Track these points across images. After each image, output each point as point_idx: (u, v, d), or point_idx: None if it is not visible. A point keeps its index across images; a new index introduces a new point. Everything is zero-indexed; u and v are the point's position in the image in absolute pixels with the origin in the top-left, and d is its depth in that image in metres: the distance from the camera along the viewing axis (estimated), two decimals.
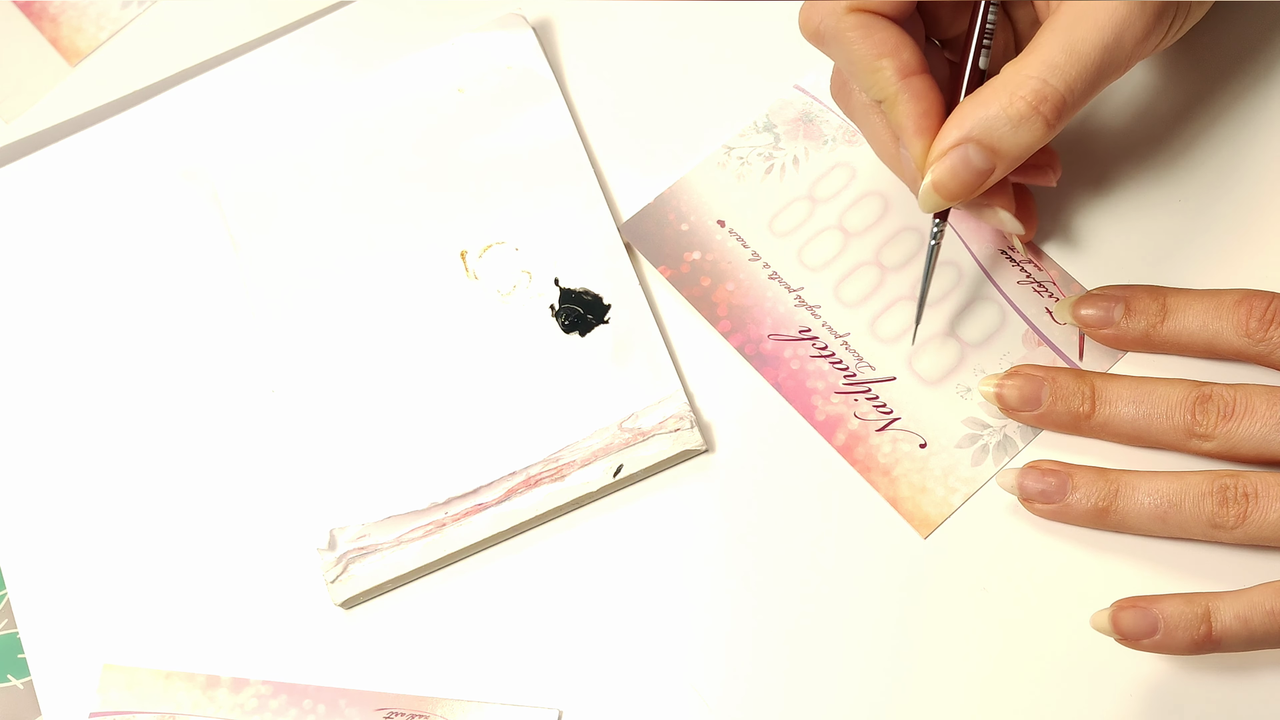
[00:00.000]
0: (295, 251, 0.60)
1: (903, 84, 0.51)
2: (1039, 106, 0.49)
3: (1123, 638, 0.50)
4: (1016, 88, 0.49)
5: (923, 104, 0.51)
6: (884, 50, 0.51)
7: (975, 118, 0.50)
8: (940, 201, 0.51)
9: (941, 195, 0.51)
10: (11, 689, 0.56)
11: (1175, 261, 0.56)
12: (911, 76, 0.51)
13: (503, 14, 0.62)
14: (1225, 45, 0.58)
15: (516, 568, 0.55)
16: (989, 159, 0.50)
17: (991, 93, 0.50)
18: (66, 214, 0.62)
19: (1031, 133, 0.49)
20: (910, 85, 0.51)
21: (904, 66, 0.51)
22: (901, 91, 0.51)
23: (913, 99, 0.51)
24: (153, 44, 0.65)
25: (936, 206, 0.52)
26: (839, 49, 0.51)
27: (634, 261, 0.59)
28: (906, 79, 0.51)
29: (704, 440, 0.56)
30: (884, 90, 0.51)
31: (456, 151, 0.60)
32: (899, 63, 0.51)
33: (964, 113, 0.50)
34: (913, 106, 0.51)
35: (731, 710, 0.53)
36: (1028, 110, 0.49)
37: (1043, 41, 0.50)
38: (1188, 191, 0.57)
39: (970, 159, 0.50)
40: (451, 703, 0.54)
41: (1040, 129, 0.49)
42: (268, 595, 0.56)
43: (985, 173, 0.50)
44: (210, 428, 0.58)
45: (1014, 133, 0.49)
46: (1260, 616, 0.49)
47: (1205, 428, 0.52)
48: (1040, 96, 0.49)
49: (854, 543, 0.54)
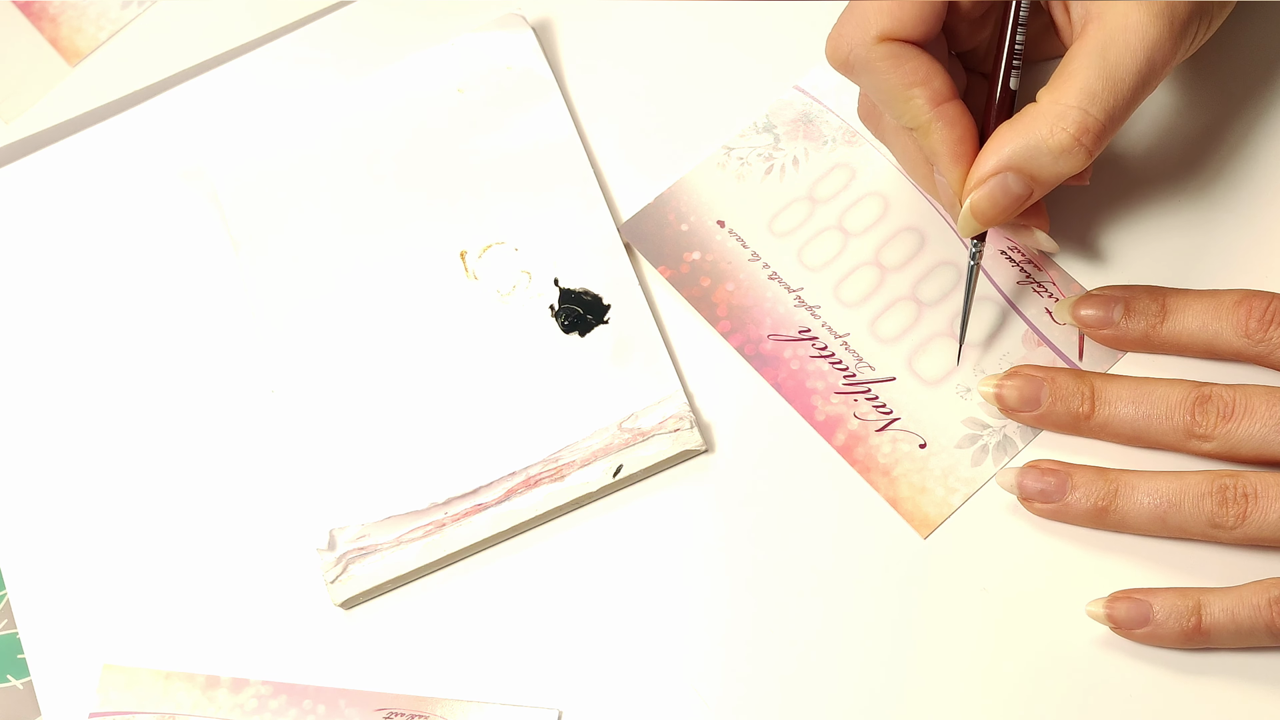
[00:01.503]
0: (295, 251, 0.60)
1: (936, 112, 0.51)
2: (1081, 138, 0.50)
3: (1116, 626, 0.51)
4: (1058, 119, 0.50)
5: (957, 130, 0.51)
6: (915, 80, 0.51)
7: (1014, 146, 0.50)
8: (978, 227, 0.52)
9: (980, 221, 0.52)
10: (11, 689, 0.56)
11: (1175, 262, 0.56)
12: (944, 104, 0.51)
13: (503, 14, 0.62)
14: (1225, 46, 0.58)
15: (516, 568, 0.55)
16: (1027, 186, 0.51)
17: (1031, 122, 0.50)
18: (66, 214, 0.62)
19: (1073, 163, 0.50)
20: (944, 113, 0.51)
21: (936, 95, 0.51)
22: (935, 120, 0.51)
23: (947, 126, 0.51)
24: (153, 44, 0.65)
25: (975, 231, 0.52)
26: (869, 79, 0.52)
27: (634, 262, 0.59)
28: (939, 107, 0.51)
29: (704, 440, 0.56)
30: (917, 119, 0.51)
31: (456, 151, 0.61)
32: (931, 91, 0.51)
33: (1002, 140, 0.50)
34: (947, 134, 0.51)
35: (731, 710, 0.53)
36: (1071, 143, 0.50)
37: (1077, 69, 0.50)
38: (1187, 192, 0.57)
39: (1010, 187, 0.51)
40: (451, 703, 0.54)
41: (1081, 159, 0.50)
42: (268, 595, 0.56)
43: (1023, 199, 0.51)
44: (210, 428, 0.58)
45: (1055, 163, 0.50)
46: (1248, 611, 0.50)
47: (1205, 428, 0.52)
48: (1083, 129, 0.49)
49: (854, 543, 0.54)
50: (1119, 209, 0.57)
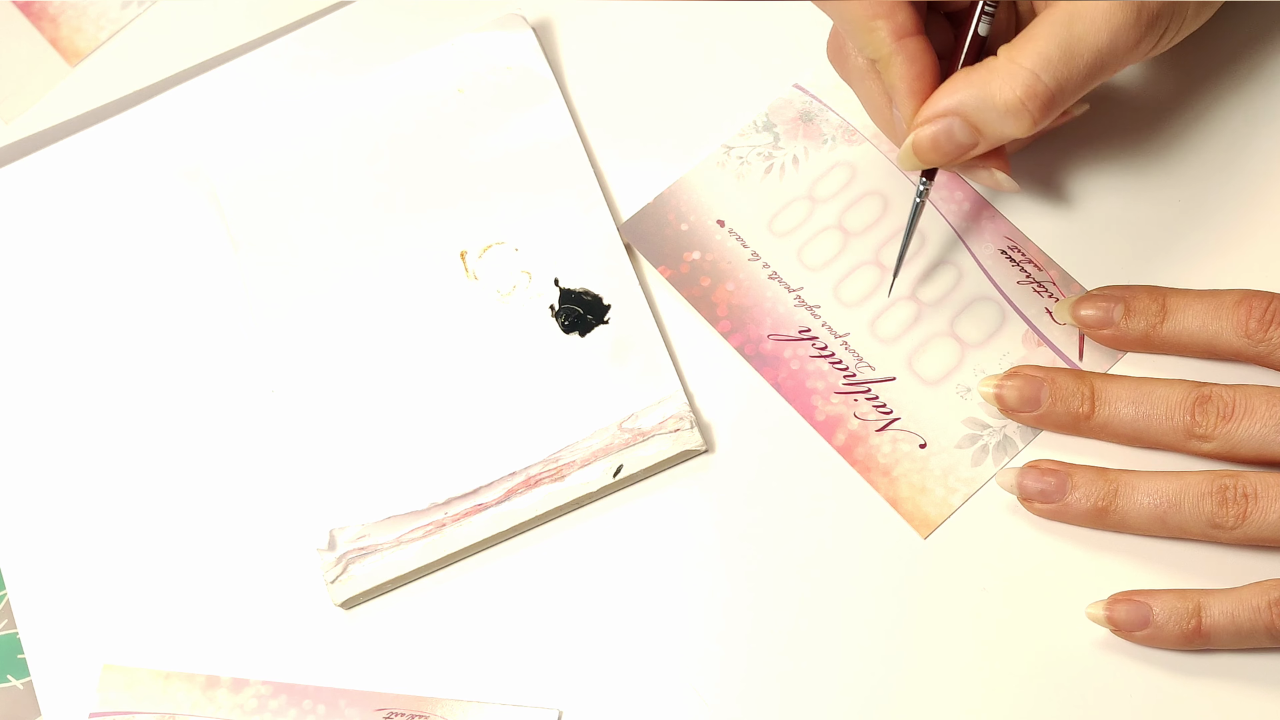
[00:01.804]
0: (295, 251, 0.60)
1: (898, 44, 0.51)
2: (1027, 102, 0.50)
3: (1116, 629, 0.51)
4: (1009, 77, 0.50)
5: (917, 65, 0.51)
6: (880, 10, 0.51)
7: (965, 94, 0.50)
8: (917, 163, 0.52)
9: (919, 157, 0.52)
10: (11, 689, 0.56)
11: (1175, 261, 0.56)
12: (907, 38, 0.51)
13: (503, 14, 0.62)
14: (1224, 45, 0.58)
15: (516, 568, 0.55)
16: (972, 135, 0.51)
17: (986, 74, 0.50)
18: (66, 214, 0.62)
19: (1017, 124, 0.50)
20: (905, 46, 0.51)
21: (899, 27, 0.51)
22: (896, 52, 0.51)
23: (907, 60, 0.51)
24: (153, 44, 0.65)
25: (913, 168, 0.53)
26: (836, 8, 0.52)
27: (634, 261, 0.59)
28: (901, 40, 0.51)
29: (704, 440, 0.56)
30: (879, 49, 0.51)
31: (456, 151, 0.60)
32: (894, 24, 0.51)
33: (956, 85, 0.51)
34: (907, 68, 0.51)
35: (731, 710, 0.53)
36: (1016, 104, 0.50)
37: (1039, 34, 0.50)
38: (1187, 191, 0.57)
39: (954, 132, 0.51)
40: (451, 703, 0.54)
41: (1026, 122, 0.50)
42: (268, 595, 0.56)
43: (966, 147, 0.51)
44: (210, 428, 0.58)
45: (1000, 120, 0.50)
46: (1247, 613, 0.50)
47: (1205, 428, 0.52)
48: (1031, 92, 0.49)
49: (853, 543, 0.54)
50: (1119, 209, 0.57)
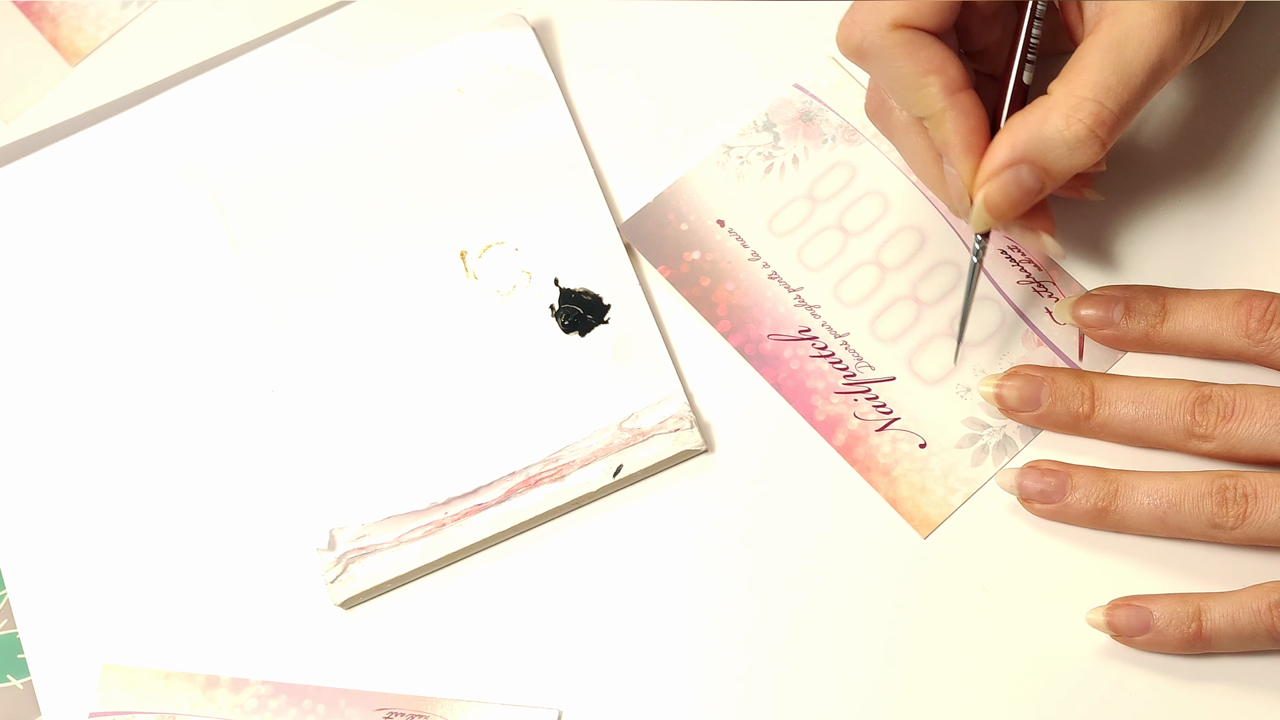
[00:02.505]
0: (295, 251, 0.60)
1: (950, 100, 0.50)
2: (1097, 130, 0.49)
3: (1116, 634, 0.51)
4: (1072, 110, 0.49)
5: (970, 121, 0.51)
6: (930, 67, 0.50)
7: (1028, 138, 0.50)
8: (991, 221, 0.52)
9: (993, 215, 0.51)
10: (11, 689, 0.56)
11: (1175, 262, 0.56)
12: (959, 93, 0.51)
13: (503, 14, 0.62)
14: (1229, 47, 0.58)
15: (516, 568, 0.55)
16: (1040, 179, 0.50)
17: (1045, 113, 0.50)
18: (66, 214, 0.62)
19: (1087, 155, 0.50)
20: (957, 102, 0.50)
21: (950, 83, 0.50)
22: (949, 109, 0.50)
23: (960, 116, 0.51)
24: (153, 44, 0.65)
25: (988, 226, 0.52)
26: (882, 66, 0.51)
27: (634, 261, 0.59)
28: (954, 95, 0.50)
29: (704, 440, 0.56)
30: (930, 108, 0.51)
31: (456, 151, 0.60)
32: (946, 79, 0.50)
33: (1015, 132, 0.50)
34: (961, 124, 0.51)
35: (731, 710, 0.53)
36: (1086, 134, 0.49)
37: (1092, 62, 0.50)
38: (1188, 192, 0.57)
39: (1023, 179, 0.50)
40: (451, 703, 0.54)
41: (1096, 151, 0.50)
42: (268, 595, 0.56)
43: (1035, 192, 0.51)
44: (210, 428, 0.58)
45: (1069, 154, 0.50)
46: (1248, 616, 0.50)
47: (1205, 428, 0.52)
48: (1098, 120, 0.49)
49: (853, 543, 0.54)
50: (1119, 209, 0.57)
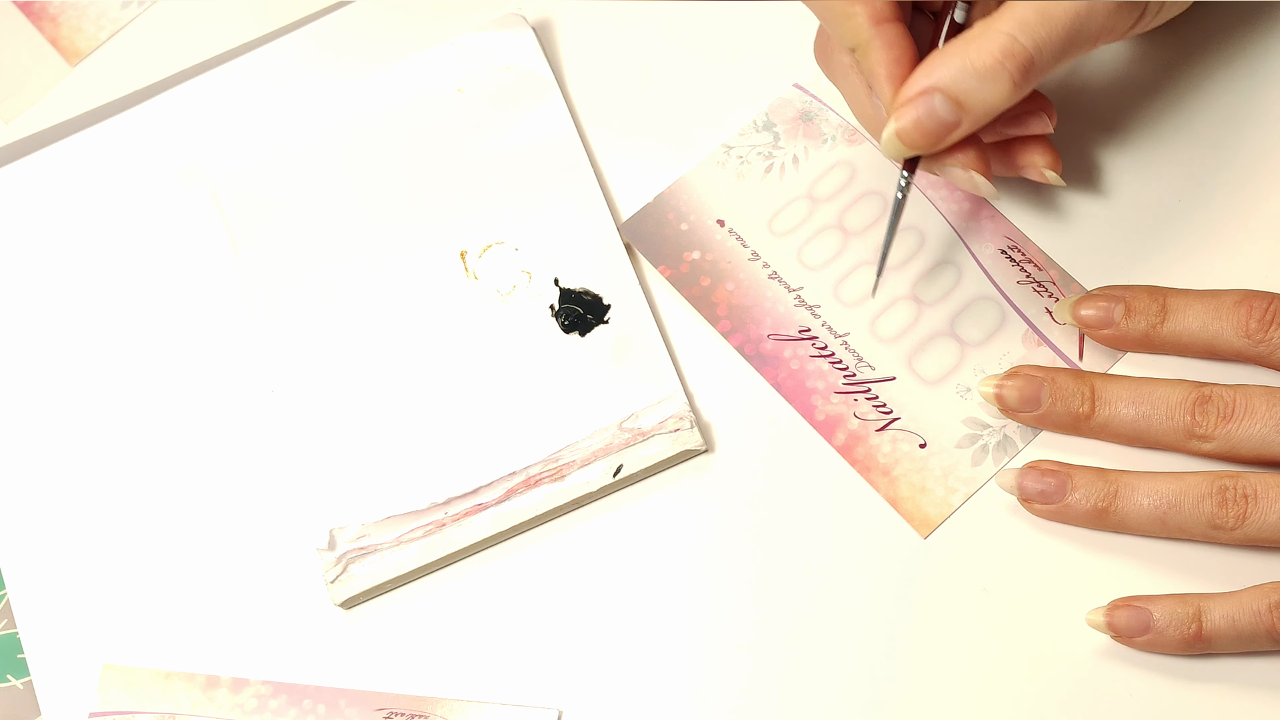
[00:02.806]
0: (295, 251, 0.60)
1: (875, 30, 0.50)
2: (1005, 62, 0.49)
3: (1116, 635, 0.51)
4: (985, 41, 0.49)
5: (894, 51, 0.51)
6: None
7: (943, 68, 0.50)
8: (903, 150, 0.51)
9: (905, 143, 0.51)
10: (11, 689, 0.56)
11: (1175, 261, 0.56)
12: (884, 24, 0.51)
13: (503, 14, 0.62)
14: (1221, 44, 0.58)
15: (516, 568, 0.55)
16: (955, 111, 0.50)
17: (960, 45, 0.50)
18: (66, 214, 0.62)
19: (997, 88, 0.49)
20: (883, 32, 0.51)
21: (876, 13, 0.50)
22: (874, 38, 0.51)
23: (884, 46, 0.51)
24: (153, 44, 0.65)
25: (900, 154, 0.51)
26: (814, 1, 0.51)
27: (634, 261, 0.59)
28: (879, 25, 0.50)
29: (704, 440, 0.56)
30: (856, 37, 0.51)
31: (456, 151, 0.60)
32: (871, 10, 0.50)
33: (932, 63, 0.50)
34: (884, 54, 0.51)
35: (731, 710, 0.53)
36: (994, 65, 0.49)
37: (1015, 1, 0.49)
38: (1187, 191, 0.57)
39: (936, 109, 0.50)
40: (451, 703, 0.54)
41: (1006, 85, 0.49)
42: (268, 595, 0.56)
43: (950, 125, 0.50)
44: (210, 428, 0.58)
45: (980, 86, 0.49)
46: (1248, 617, 0.50)
47: (1205, 429, 0.52)
48: (1007, 52, 0.49)
49: (854, 543, 0.54)
50: (1119, 209, 0.57)
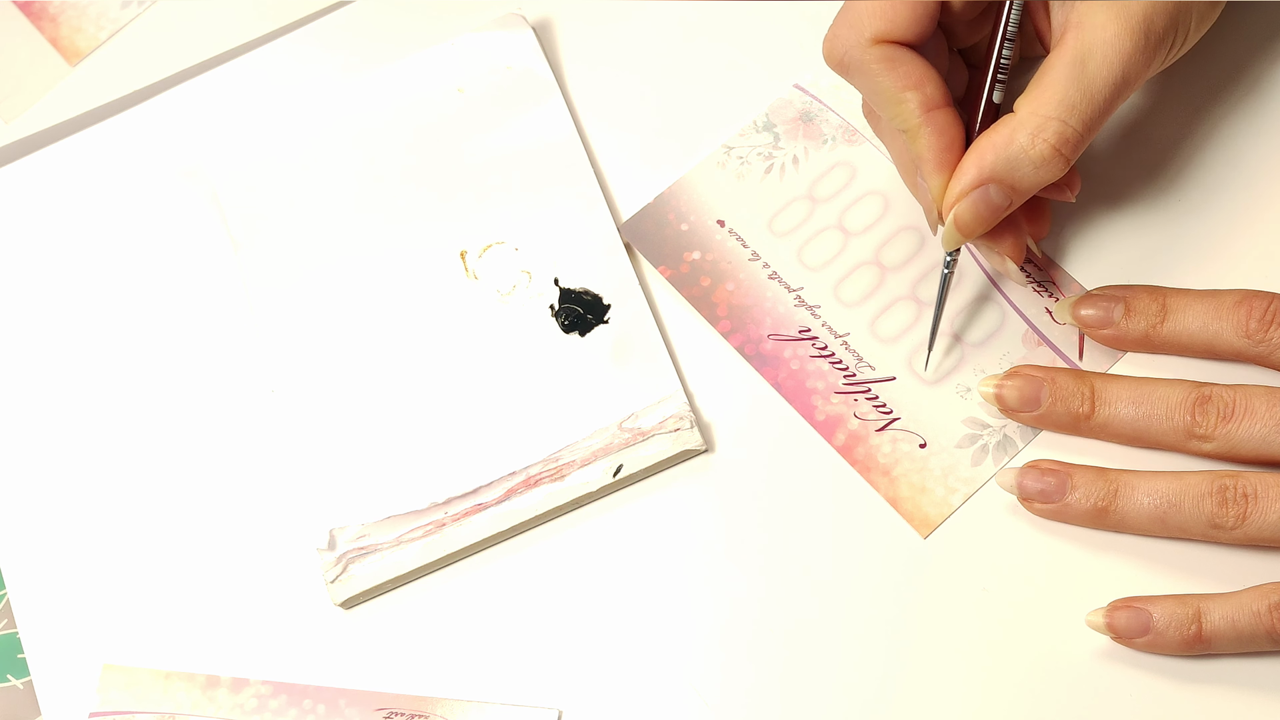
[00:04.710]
0: (295, 251, 0.60)
1: (925, 118, 0.51)
2: (1061, 149, 0.50)
3: (1116, 636, 0.51)
4: (1037, 129, 0.50)
5: (944, 139, 0.52)
6: (908, 83, 0.51)
7: (994, 158, 0.51)
8: (961, 239, 0.53)
9: (963, 233, 0.52)
10: (11, 689, 0.56)
11: (1175, 262, 0.56)
12: (934, 110, 0.52)
13: (503, 14, 0.62)
14: (1223, 50, 0.58)
15: (516, 568, 0.55)
16: (1007, 196, 0.51)
17: (1011, 132, 0.51)
18: (66, 214, 0.62)
19: (1052, 172, 0.51)
20: (933, 119, 0.52)
21: (927, 100, 0.51)
22: (924, 125, 0.52)
23: (935, 133, 0.52)
24: (153, 44, 0.65)
25: (959, 244, 0.53)
26: (864, 81, 0.52)
27: (634, 261, 0.59)
28: (929, 113, 0.51)
29: (704, 440, 0.56)
30: (907, 122, 0.52)
31: (456, 151, 0.60)
32: (923, 96, 0.51)
33: (982, 152, 0.51)
34: (934, 141, 0.52)
35: (731, 710, 0.53)
36: (1050, 153, 0.50)
37: (1056, 78, 0.50)
38: (1187, 192, 0.57)
39: (991, 198, 0.51)
40: (451, 703, 0.54)
41: (1060, 168, 0.51)
42: (268, 595, 0.56)
43: (1003, 209, 0.52)
44: (210, 428, 0.58)
45: (1034, 172, 0.51)
46: (1248, 618, 0.50)
47: (1205, 429, 0.52)
48: (1062, 139, 0.50)
49: (854, 543, 0.54)
50: (1120, 210, 0.57)
